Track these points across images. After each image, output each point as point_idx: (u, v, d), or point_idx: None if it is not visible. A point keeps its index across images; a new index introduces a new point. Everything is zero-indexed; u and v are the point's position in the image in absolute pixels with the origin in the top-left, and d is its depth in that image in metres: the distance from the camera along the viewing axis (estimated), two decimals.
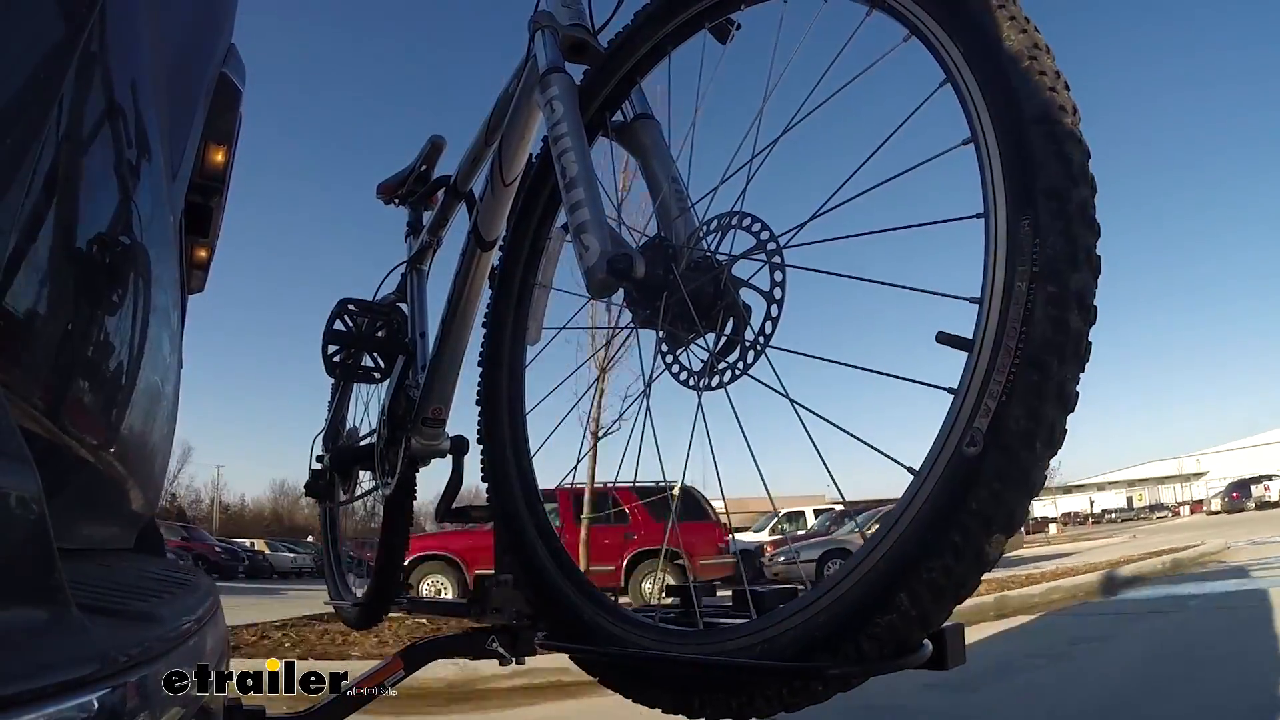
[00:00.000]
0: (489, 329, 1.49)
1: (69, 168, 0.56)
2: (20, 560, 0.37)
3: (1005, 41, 0.79)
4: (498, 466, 1.39)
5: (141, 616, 0.54)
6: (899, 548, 0.78)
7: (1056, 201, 0.74)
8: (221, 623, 0.89)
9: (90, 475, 0.74)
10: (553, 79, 1.26)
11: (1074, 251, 0.73)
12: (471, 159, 1.91)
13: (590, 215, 1.10)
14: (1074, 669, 3.51)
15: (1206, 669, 3.19)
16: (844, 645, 0.81)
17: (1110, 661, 3.61)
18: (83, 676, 0.36)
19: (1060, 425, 0.74)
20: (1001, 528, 0.75)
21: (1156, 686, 2.97)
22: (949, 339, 0.80)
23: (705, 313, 1.06)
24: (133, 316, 0.75)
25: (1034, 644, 4.29)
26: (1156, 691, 2.84)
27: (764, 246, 1.01)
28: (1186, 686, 2.90)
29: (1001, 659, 3.78)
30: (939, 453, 0.77)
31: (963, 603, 0.80)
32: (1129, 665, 3.48)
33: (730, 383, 1.04)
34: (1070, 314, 0.72)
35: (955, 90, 0.83)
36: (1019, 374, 0.72)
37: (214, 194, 1.26)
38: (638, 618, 1.10)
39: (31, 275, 0.51)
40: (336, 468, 2.33)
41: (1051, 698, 2.99)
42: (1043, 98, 0.76)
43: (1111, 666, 3.49)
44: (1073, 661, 3.66)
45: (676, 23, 1.26)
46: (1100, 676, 3.29)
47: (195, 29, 1.04)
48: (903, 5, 0.90)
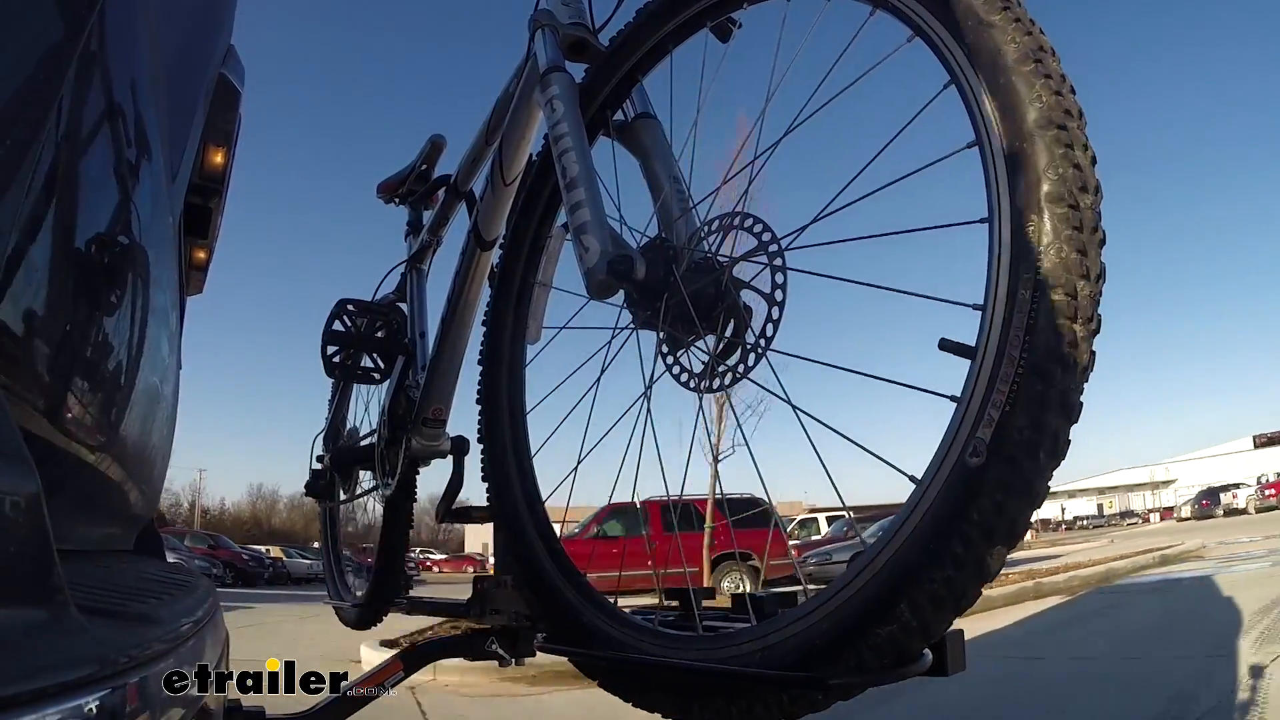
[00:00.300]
0: (489, 328, 1.49)
1: (69, 168, 0.56)
2: (19, 561, 0.37)
3: (1010, 44, 0.78)
4: (498, 467, 1.39)
5: (141, 618, 0.54)
6: (900, 557, 0.77)
7: (1061, 208, 0.72)
8: (221, 623, 0.89)
9: (90, 476, 0.74)
10: (553, 78, 1.26)
11: (1079, 259, 0.72)
12: (472, 158, 1.91)
13: (591, 216, 1.09)
14: (1118, 618, 5.36)
15: (1205, 614, 5.03)
16: (844, 654, 0.79)
17: (1140, 614, 5.45)
18: (81, 678, 0.36)
19: (1064, 435, 0.73)
20: (1004, 539, 0.73)
21: (1174, 624, 4.83)
22: (952, 346, 0.79)
23: (706, 314, 1.05)
24: (132, 317, 0.75)
25: (1080, 610, 6.03)
26: (1174, 627, 4.68)
27: (765, 248, 1.00)
28: (1191, 624, 4.71)
29: (1061, 619, 5.61)
30: (941, 462, 0.76)
31: (963, 614, 0.78)
32: (1152, 615, 5.32)
33: (731, 385, 1.04)
34: (1075, 323, 0.71)
35: (960, 92, 0.82)
36: (1023, 383, 0.71)
37: (213, 195, 1.26)
38: (637, 621, 1.09)
39: (31, 276, 0.51)
40: (336, 468, 2.33)
41: (1112, 633, 4.69)
42: (1048, 101, 0.75)
43: (1143, 616, 5.35)
44: (1112, 618, 5.43)
45: (678, 21, 1.25)
46: (1138, 621, 5.13)
47: (194, 30, 1.04)
48: (906, 5, 0.88)
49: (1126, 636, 4.44)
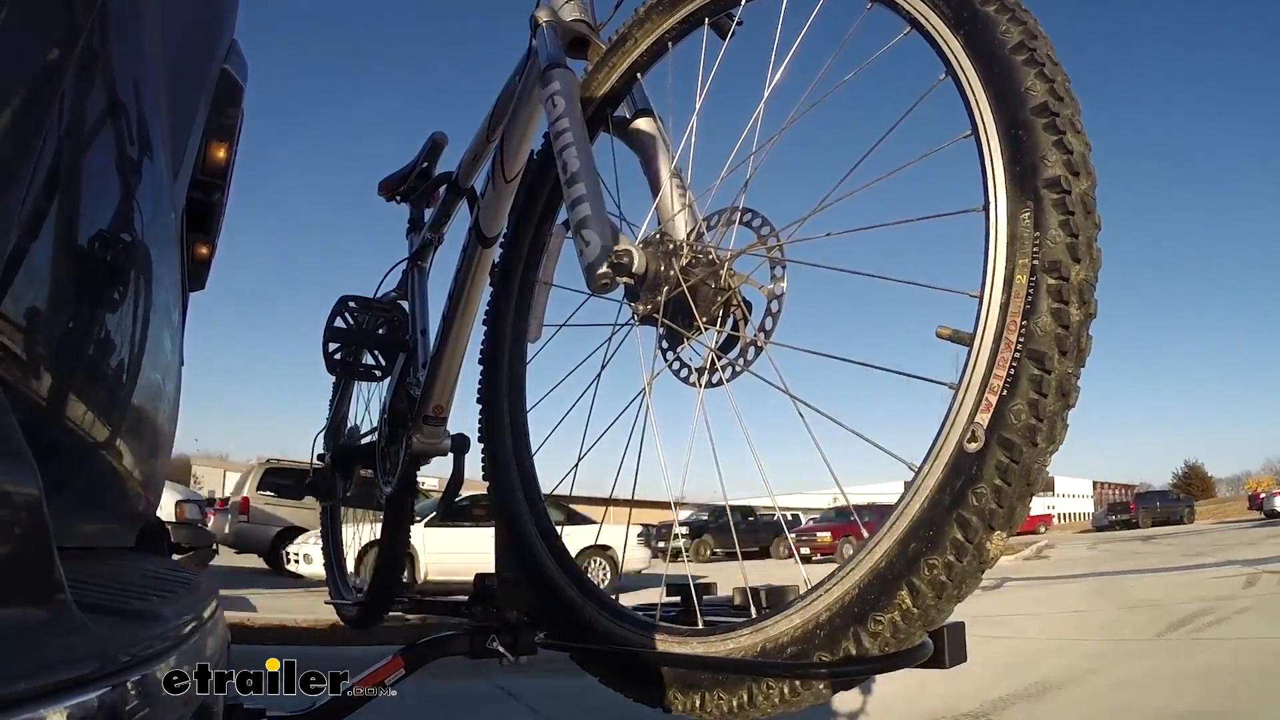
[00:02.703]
0: (490, 326, 1.49)
1: (71, 165, 0.56)
2: (20, 559, 0.37)
3: (1004, 34, 0.79)
4: (499, 464, 1.39)
5: (142, 615, 0.54)
6: (900, 545, 0.77)
7: (1057, 194, 0.73)
8: (222, 622, 0.89)
9: (91, 473, 0.74)
10: (554, 74, 1.25)
11: (1075, 244, 0.73)
12: (473, 155, 1.90)
13: (591, 210, 1.09)
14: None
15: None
16: (844, 644, 0.80)
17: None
18: (82, 676, 0.36)
19: (1061, 421, 0.74)
20: (1003, 525, 0.74)
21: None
22: (949, 334, 0.79)
23: (706, 309, 1.05)
24: (134, 314, 0.75)
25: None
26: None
27: (765, 241, 1.01)
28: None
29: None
30: (939, 448, 0.76)
31: (964, 600, 0.79)
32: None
33: (731, 379, 1.04)
34: (1071, 307, 0.72)
35: (955, 83, 0.83)
36: (1020, 369, 0.72)
37: (215, 191, 1.25)
38: (637, 616, 1.10)
39: (33, 273, 0.51)
40: (337, 466, 2.33)
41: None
42: (1043, 90, 0.76)
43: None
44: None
45: (678, 17, 1.26)
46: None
47: (197, 25, 1.03)
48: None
49: None
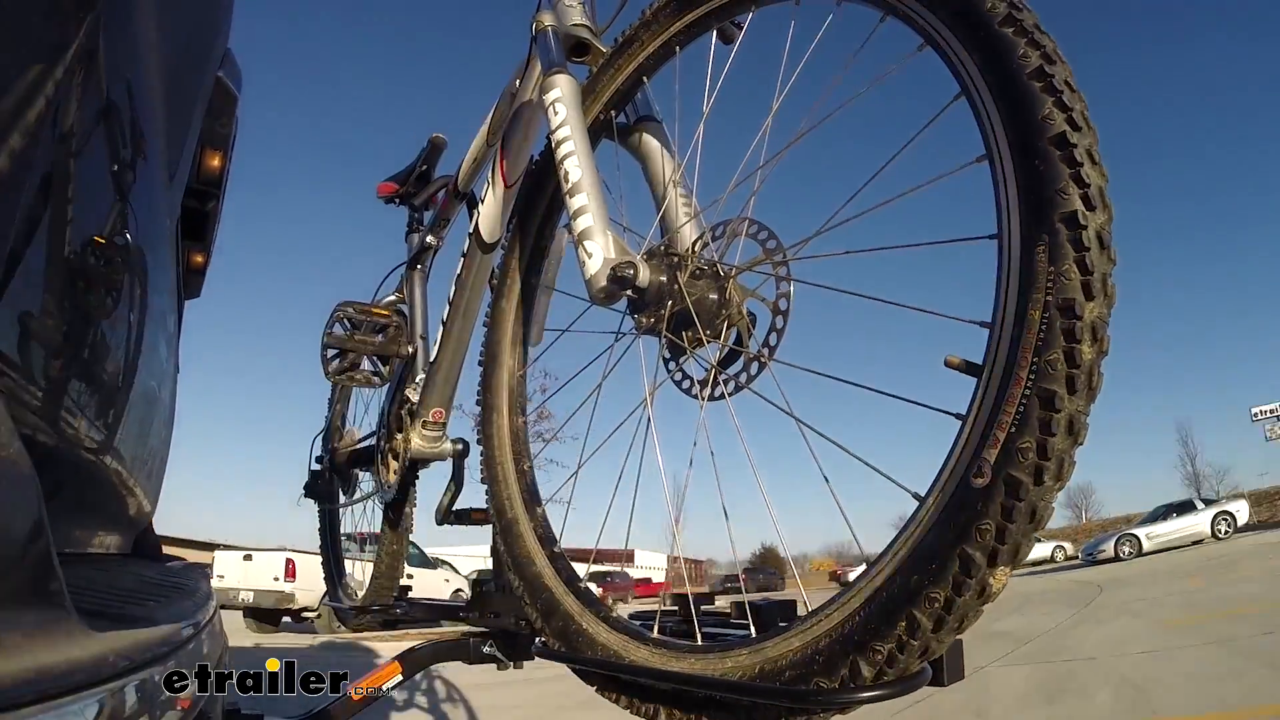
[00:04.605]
0: (489, 331, 1.48)
1: (65, 172, 0.56)
2: (19, 565, 0.37)
3: (1022, 56, 0.75)
4: (498, 470, 1.39)
5: (140, 620, 0.54)
6: (901, 576, 0.75)
7: (1073, 229, 0.70)
8: (220, 625, 0.89)
9: (88, 480, 0.74)
10: (555, 79, 1.23)
11: (1089, 281, 0.70)
12: (472, 159, 1.88)
13: (593, 222, 1.08)
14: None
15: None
16: (842, 669, 0.78)
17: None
18: (81, 680, 0.36)
19: (1070, 459, 0.71)
20: (1006, 561, 0.72)
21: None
22: (958, 364, 0.77)
23: (709, 322, 1.04)
24: (129, 321, 0.75)
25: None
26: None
27: (771, 256, 0.98)
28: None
29: None
30: (944, 481, 0.74)
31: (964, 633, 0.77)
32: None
33: (732, 395, 1.01)
34: (1084, 345, 0.70)
35: (970, 104, 0.79)
36: (1029, 405, 0.70)
37: (210, 199, 1.26)
38: (635, 628, 1.08)
39: (28, 280, 0.51)
40: (336, 470, 2.33)
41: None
42: (1061, 119, 0.72)
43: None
44: None
45: (686, 21, 1.22)
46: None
47: (191, 33, 1.04)
48: (917, 13, 0.86)
49: None
